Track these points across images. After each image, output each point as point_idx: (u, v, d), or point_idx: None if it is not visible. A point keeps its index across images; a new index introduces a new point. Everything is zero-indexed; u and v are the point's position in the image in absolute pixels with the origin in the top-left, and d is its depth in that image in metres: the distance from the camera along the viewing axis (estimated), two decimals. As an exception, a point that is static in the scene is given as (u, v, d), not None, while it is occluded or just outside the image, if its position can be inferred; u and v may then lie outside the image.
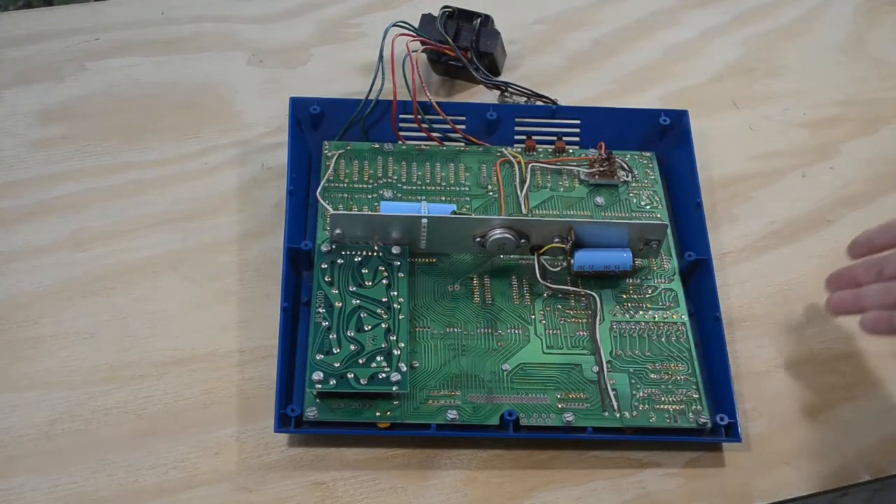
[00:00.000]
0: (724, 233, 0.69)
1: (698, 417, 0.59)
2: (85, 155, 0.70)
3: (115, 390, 0.60)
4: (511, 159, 0.69)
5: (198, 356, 0.61)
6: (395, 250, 0.63)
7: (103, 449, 0.58)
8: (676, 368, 0.61)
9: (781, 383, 0.63)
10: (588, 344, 0.62)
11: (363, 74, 0.75)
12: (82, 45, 0.77)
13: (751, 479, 0.59)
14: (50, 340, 0.61)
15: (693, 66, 0.81)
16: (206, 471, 0.57)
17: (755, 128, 0.77)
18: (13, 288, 0.64)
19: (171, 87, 0.75)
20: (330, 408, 0.57)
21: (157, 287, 0.64)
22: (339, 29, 0.80)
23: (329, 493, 0.57)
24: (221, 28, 0.80)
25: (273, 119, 0.73)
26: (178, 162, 0.71)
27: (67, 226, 0.67)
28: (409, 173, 0.68)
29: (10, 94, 0.74)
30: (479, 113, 0.70)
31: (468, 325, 0.62)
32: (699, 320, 0.64)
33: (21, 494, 0.56)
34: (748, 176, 0.73)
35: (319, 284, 0.61)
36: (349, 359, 0.58)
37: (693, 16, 0.85)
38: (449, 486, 0.57)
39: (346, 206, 0.66)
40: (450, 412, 0.57)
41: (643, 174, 0.70)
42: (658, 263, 0.65)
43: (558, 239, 0.63)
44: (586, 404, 0.59)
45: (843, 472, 0.60)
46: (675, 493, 0.58)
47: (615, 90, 0.78)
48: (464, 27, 0.73)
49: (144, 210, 0.68)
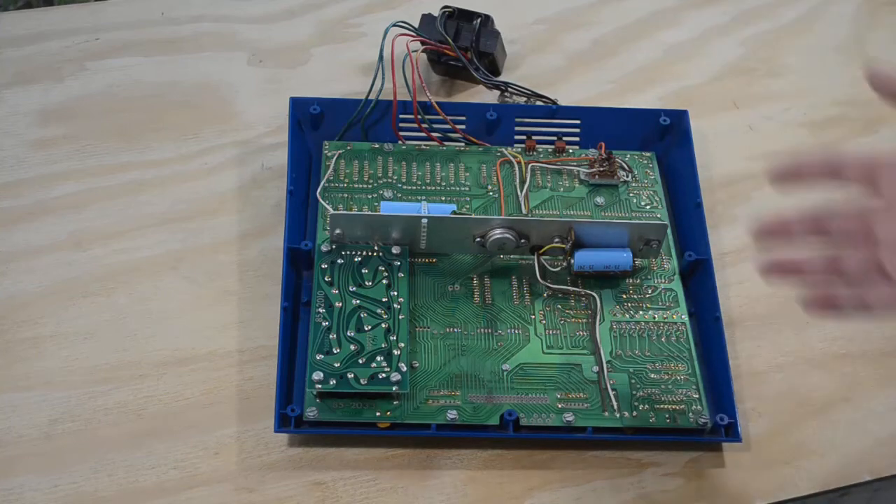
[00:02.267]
0: (724, 233, 0.69)
1: (698, 417, 0.59)
2: (85, 155, 0.70)
3: (115, 390, 0.60)
4: (511, 159, 0.69)
5: (198, 356, 0.61)
6: (395, 250, 0.63)
7: (103, 449, 0.58)
8: (676, 368, 0.61)
9: (781, 383, 0.63)
10: (588, 344, 0.62)
11: (363, 74, 0.75)
12: (82, 45, 0.77)
13: (751, 479, 0.59)
14: (50, 340, 0.61)
15: (693, 66, 0.81)
16: (206, 471, 0.57)
17: (755, 128, 0.77)
18: (13, 288, 0.64)
19: (171, 87, 0.75)
20: (330, 408, 0.57)
21: (157, 287, 0.64)
22: (339, 29, 0.80)
23: (329, 493, 0.57)
24: (221, 28, 0.80)
25: (273, 119, 0.73)
26: (178, 162, 0.71)
27: (67, 226, 0.67)
28: (409, 173, 0.68)
29: (10, 94, 0.74)
30: (479, 113, 0.70)
31: (468, 325, 0.62)
32: (699, 320, 0.64)
33: (21, 494, 0.56)
34: (748, 176, 0.73)
35: (319, 284, 0.61)
36: (349, 359, 0.58)
37: (693, 16, 0.84)
38: (449, 486, 0.57)
39: (346, 206, 0.66)
40: (450, 412, 0.57)
41: (643, 174, 0.70)
42: (658, 263, 0.65)
43: (558, 239, 0.63)
44: (586, 404, 0.59)
45: (843, 472, 0.60)
46: (675, 493, 0.58)
47: (615, 90, 0.78)
48: (464, 27, 0.73)
49: (144, 210, 0.68)
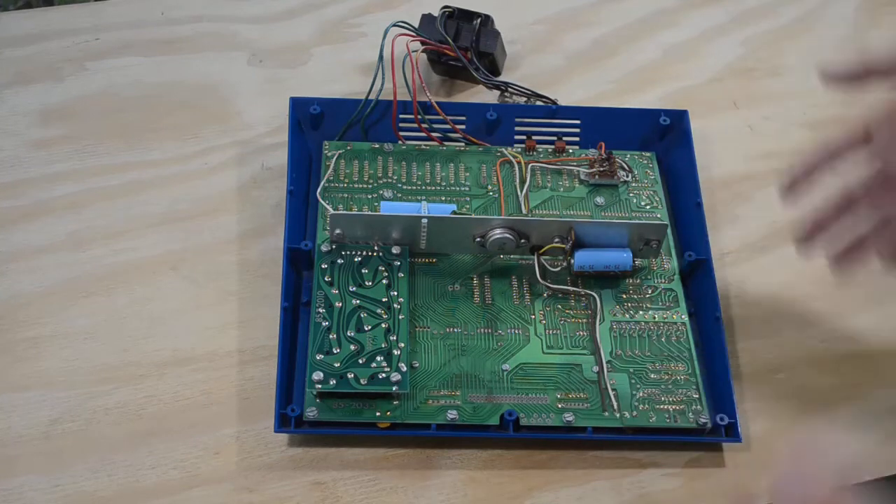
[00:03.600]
0: (724, 233, 0.69)
1: (698, 417, 0.59)
2: (85, 155, 0.70)
3: (115, 390, 0.60)
4: (511, 159, 0.69)
5: (198, 356, 0.61)
6: (395, 250, 0.63)
7: (103, 449, 0.58)
8: (676, 368, 0.61)
9: (781, 383, 0.63)
10: (588, 344, 0.62)
11: (363, 74, 0.75)
12: (82, 45, 0.77)
13: (751, 479, 0.59)
14: (50, 340, 0.61)
15: (693, 66, 0.81)
16: (206, 471, 0.57)
17: (755, 128, 0.77)
18: (13, 288, 0.64)
19: (170, 87, 0.75)
20: (330, 408, 0.57)
21: (157, 287, 0.64)
22: (339, 29, 0.80)
23: (329, 493, 0.57)
24: (221, 28, 0.80)
25: (273, 119, 0.73)
26: (178, 162, 0.71)
27: (67, 226, 0.67)
28: (409, 173, 0.68)
29: (10, 94, 0.74)
30: (479, 113, 0.70)
31: (468, 325, 0.62)
32: (699, 320, 0.64)
33: (21, 494, 0.56)
34: (748, 176, 0.73)
35: (319, 284, 0.61)
36: (349, 359, 0.58)
37: (693, 16, 0.84)
38: (449, 486, 0.57)
39: (346, 206, 0.66)
40: (450, 412, 0.57)
41: (643, 174, 0.70)
42: (658, 263, 0.65)
43: (558, 239, 0.63)
44: (586, 404, 0.59)
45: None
46: (675, 493, 0.58)
47: (615, 90, 0.78)
48: (464, 27, 0.73)
49: (144, 210, 0.68)
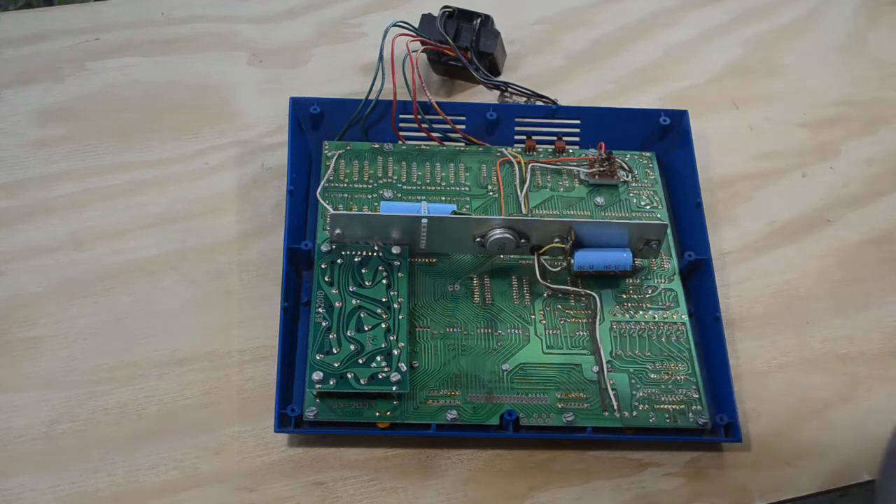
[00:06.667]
0: (724, 233, 0.69)
1: (698, 417, 0.59)
2: (85, 155, 0.70)
3: (115, 390, 0.60)
4: (511, 159, 0.69)
5: (198, 356, 0.61)
6: (395, 250, 0.63)
7: (103, 449, 0.58)
8: (676, 368, 0.61)
9: (781, 383, 0.63)
10: (588, 344, 0.62)
11: (363, 74, 0.75)
12: (82, 45, 0.77)
13: (751, 479, 0.59)
14: (50, 340, 0.61)
15: (693, 66, 0.81)
16: (206, 471, 0.57)
17: (755, 128, 0.77)
18: (13, 288, 0.64)
19: (170, 87, 0.75)
20: (330, 408, 0.57)
21: (157, 287, 0.64)
22: (339, 29, 0.80)
23: (329, 493, 0.57)
24: (221, 28, 0.80)
25: (273, 119, 0.73)
26: (178, 162, 0.71)
27: (67, 226, 0.67)
28: (409, 173, 0.68)
29: (10, 94, 0.74)
30: (479, 113, 0.70)
31: (468, 325, 0.62)
32: (699, 320, 0.64)
33: (21, 494, 0.56)
34: (748, 176, 0.73)
35: (319, 284, 0.61)
36: (349, 359, 0.58)
37: (693, 16, 0.84)
38: (449, 486, 0.57)
39: (346, 206, 0.66)
40: (450, 412, 0.57)
41: (643, 174, 0.70)
42: (658, 263, 0.65)
43: (558, 239, 0.63)
44: (586, 404, 0.59)
45: (843, 472, 0.60)
46: (675, 493, 0.58)
47: (615, 90, 0.78)
48: (464, 27, 0.73)
49: (144, 210, 0.68)
